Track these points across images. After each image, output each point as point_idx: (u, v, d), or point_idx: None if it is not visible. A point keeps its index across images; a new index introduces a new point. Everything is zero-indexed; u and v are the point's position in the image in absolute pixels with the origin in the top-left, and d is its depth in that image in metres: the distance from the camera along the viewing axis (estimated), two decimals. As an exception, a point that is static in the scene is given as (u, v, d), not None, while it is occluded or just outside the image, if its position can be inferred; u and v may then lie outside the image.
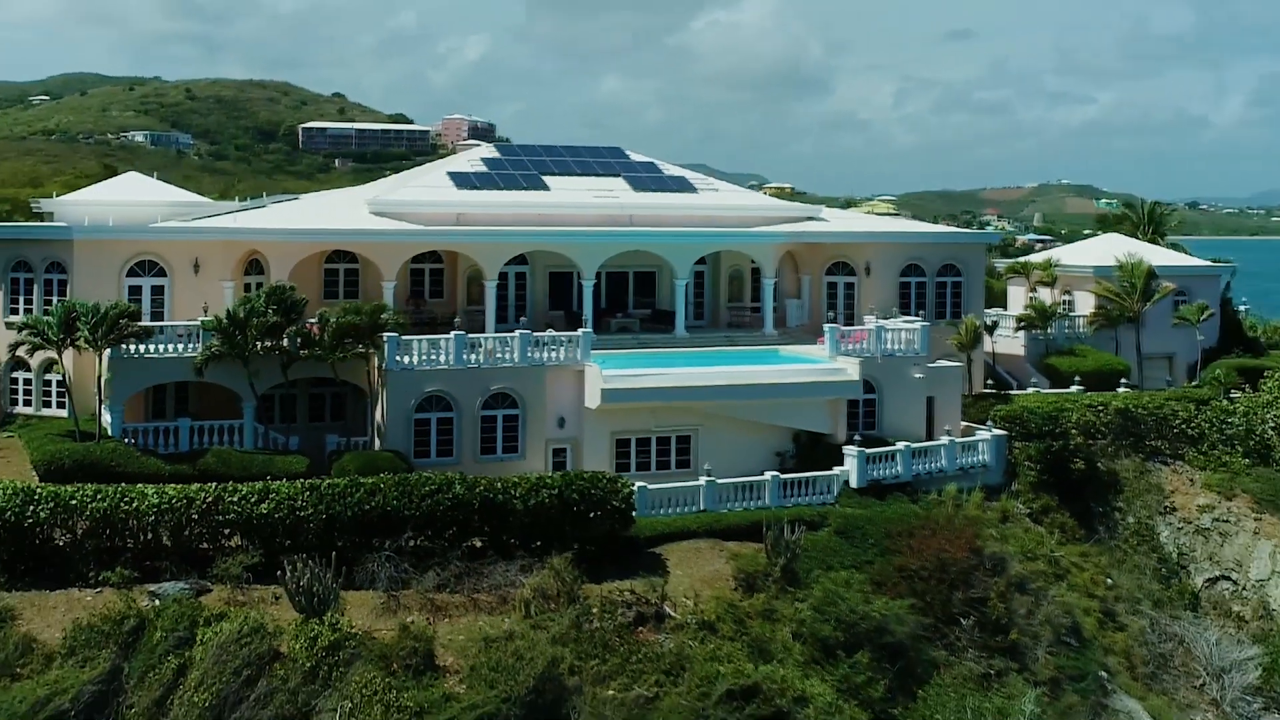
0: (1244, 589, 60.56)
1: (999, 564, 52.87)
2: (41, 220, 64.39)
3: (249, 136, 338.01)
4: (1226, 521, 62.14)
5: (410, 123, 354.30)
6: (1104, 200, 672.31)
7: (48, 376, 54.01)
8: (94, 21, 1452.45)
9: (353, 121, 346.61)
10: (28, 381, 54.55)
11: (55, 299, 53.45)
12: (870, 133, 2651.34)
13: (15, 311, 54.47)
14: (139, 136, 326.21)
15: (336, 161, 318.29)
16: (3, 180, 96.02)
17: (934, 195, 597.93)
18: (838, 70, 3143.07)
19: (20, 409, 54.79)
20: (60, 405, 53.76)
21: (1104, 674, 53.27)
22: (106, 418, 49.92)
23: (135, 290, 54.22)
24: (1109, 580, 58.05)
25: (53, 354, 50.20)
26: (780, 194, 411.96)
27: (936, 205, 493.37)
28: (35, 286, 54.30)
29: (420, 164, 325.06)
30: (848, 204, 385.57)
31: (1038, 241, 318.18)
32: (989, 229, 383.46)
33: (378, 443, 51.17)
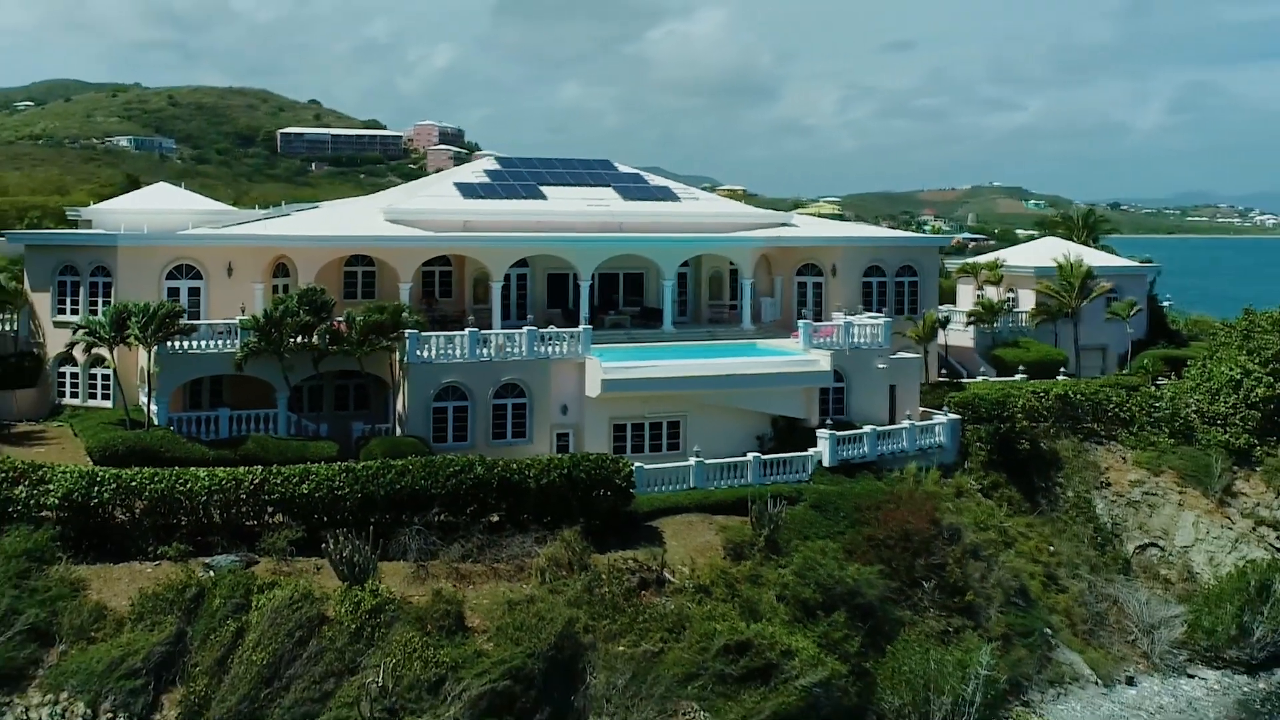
0: (1170, 555, 63.34)
1: (955, 534, 55.38)
2: (76, 226, 65.93)
3: (229, 141, 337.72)
4: (1154, 495, 65.02)
5: (383, 128, 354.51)
6: (1033, 201, 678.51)
7: (93, 371, 55.52)
8: (74, 29, 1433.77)
9: (328, 127, 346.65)
10: (74, 375, 55.95)
11: (100, 301, 55.21)
12: (816, 137, 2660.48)
13: (63, 311, 55.98)
14: (123, 141, 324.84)
15: (313, 165, 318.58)
16: (34, 189, 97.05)
17: (875, 196, 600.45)
18: (786, 78, 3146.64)
19: (67, 400, 56.31)
20: (105, 397, 55.46)
21: (1048, 630, 55.77)
22: (152, 408, 51.81)
23: (174, 292, 55.64)
24: (1051, 548, 60.59)
25: (100, 350, 52.22)
26: (733, 196, 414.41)
27: (878, 206, 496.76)
28: (81, 289, 55.61)
29: (394, 167, 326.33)
30: (795, 205, 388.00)
31: (972, 240, 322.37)
32: (926, 228, 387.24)
33: (399, 429, 53.25)
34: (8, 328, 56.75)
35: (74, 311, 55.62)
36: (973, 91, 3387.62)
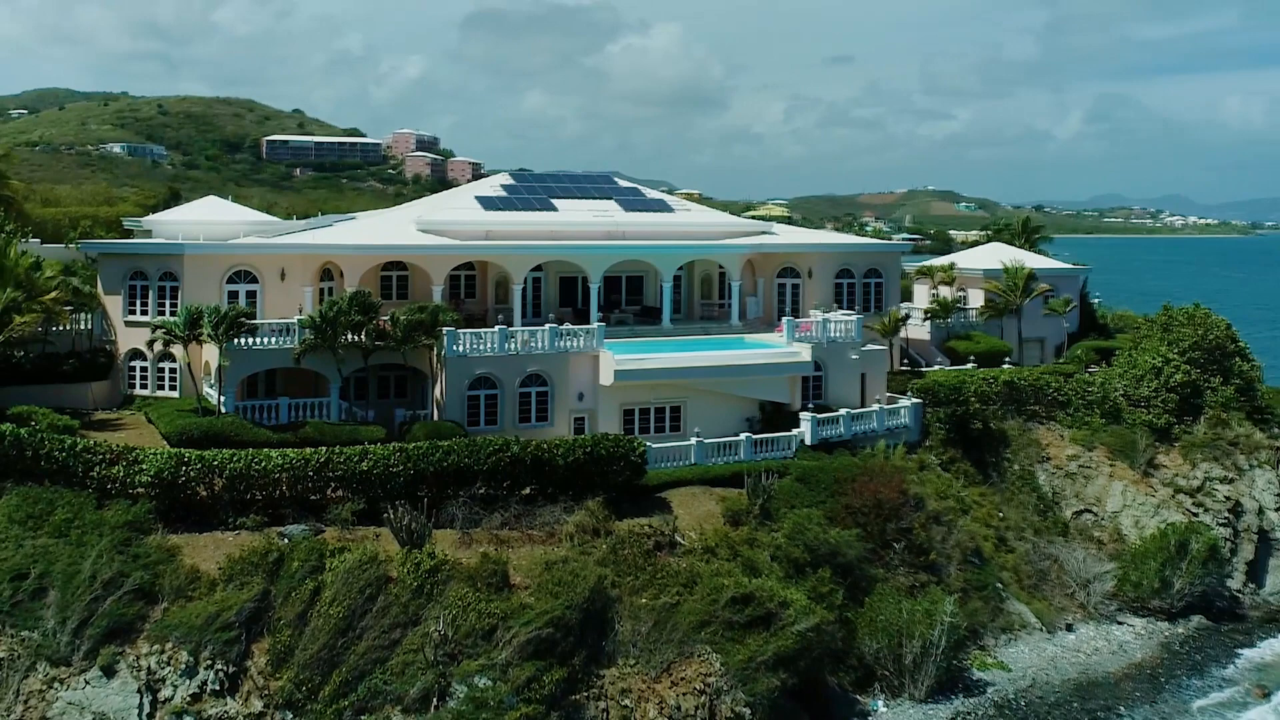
0: (1102, 519, 66.93)
1: (919, 502, 58.69)
2: (133, 234, 68.26)
3: (217, 148, 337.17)
4: (1088, 468, 68.66)
5: (363, 136, 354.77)
6: (964, 204, 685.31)
7: (161, 365, 58.13)
8: (61, 40, 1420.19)
9: (311, 135, 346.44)
10: (144, 369, 58.45)
11: (168, 303, 57.83)
12: (763, 144, 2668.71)
13: (133, 313, 58.38)
14: (116, 148, 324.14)
15: (298, 171, 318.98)
16: (82, 200, 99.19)
17: (819, 199, 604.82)
18: (735, 89, 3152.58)
19: (137, 391, 58.66)
20: (172, 388, 57.78)
21: (999, 585, 59.18)
22: (217, 397, 54.61)
23: (233, 295, 57.87)
24: (1001, 514, 63.97)
25: (175, 347, 55.06)
26: (689, 199, 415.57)
27: (822, 209, 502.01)
28: (150, 292, 57.84)
29: (373, 173, 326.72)
30: (746, 208, 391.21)
31: (910, 240, 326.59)
32: (867, 230, 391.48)
33: (437, 415, 56.32)
34: (83, 327, 59.15)
35: (144, 312, 57.85)
36: (907, 102, 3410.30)
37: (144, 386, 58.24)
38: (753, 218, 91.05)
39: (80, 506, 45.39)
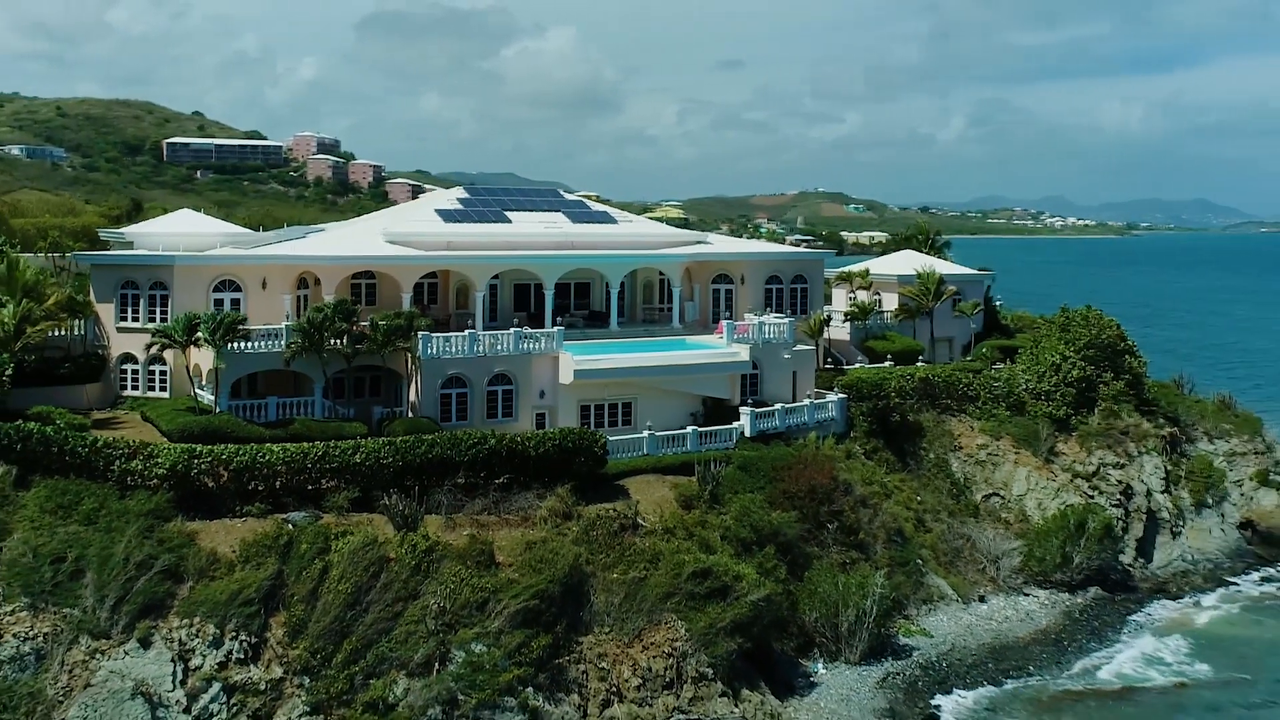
0: (1009, 502, 73.87)
1: (848, 487, 65.14)
2: (109, 245, 71.80)
3: (117, 150, 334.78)
4: (996, 455, 75.63)
5: (264, 139, 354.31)
6: (853, 205, 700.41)
7: (152, 368, 62.33)
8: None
9: (212, 138, 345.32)
10: (135, 372, 62.53)
11: (158, 310, 62.07)
12: (657, 146, 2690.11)
13: (125, 319, 62.52)
14: (15, 150, 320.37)
15: (199, 173, 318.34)
16: (48, 210, 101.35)
17: (712, 201, 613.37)
18: (629, 92, 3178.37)
19: (128, 392, 62.74)
20: (163, 389, 62.23)
21: (920, 561, 65.71)
22: (213, 397, 59.07)
23: (219, 302, 62.37)
24: (919, 498, 70.49)
25: (172, 350, 59.42)
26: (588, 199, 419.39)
27: (715, 210, 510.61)
28: (141, 300, 62.11)
29: (275, 175, 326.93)
30: (643, 209, 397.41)
31: (803, 241, 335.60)
32: (761, 231, 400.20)
33: (412, 412, 61.42)
34: (76, 333, 63.02)
35: (134, 319, 62.01)
36: (797, 106, 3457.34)
37: (135, 388, 62.23)
38: (650, 219, 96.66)
39: (105, 497, 49.81)
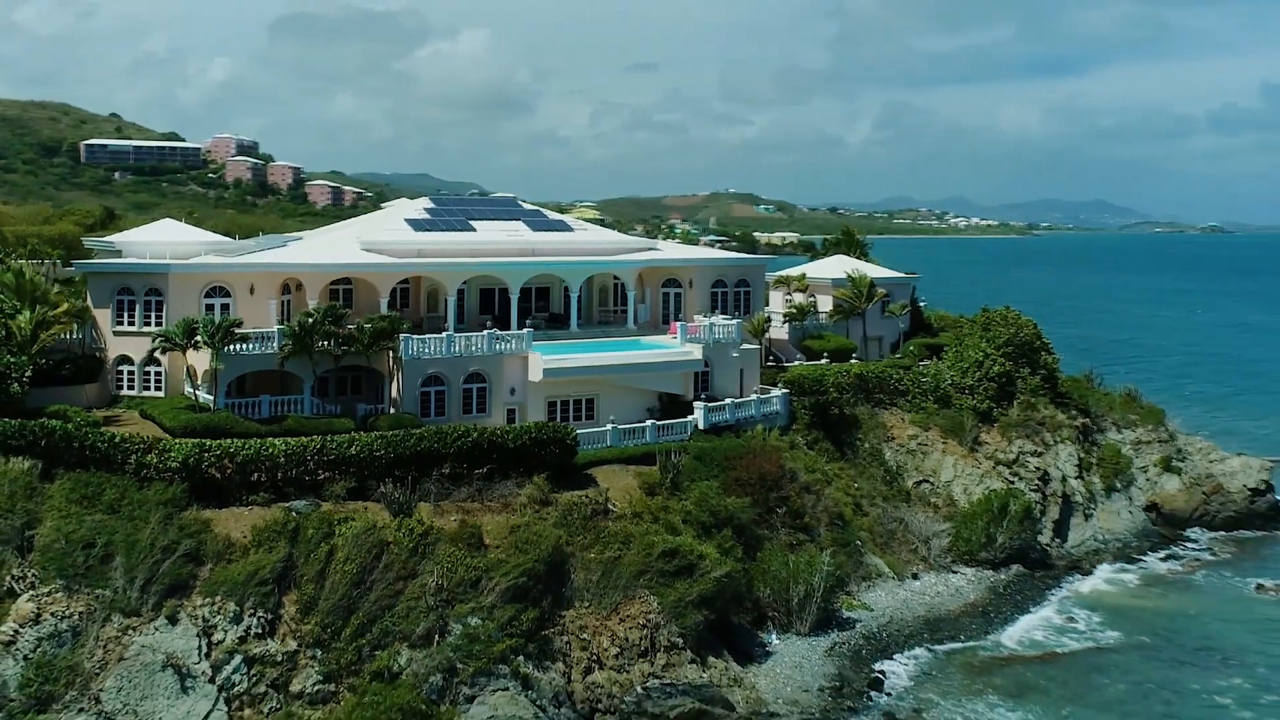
0: (937, 487, 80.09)
1: (793, 475, 70.81)
2: (93, 253, 75.08)
3: (34, 152, 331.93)
4: (925, 445, 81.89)
5: (183, 140, 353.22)
6: (763, 205, 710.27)
7: (148, 369, 66.26)
8: None
9: (130, 139, 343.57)
10: (130, 373, 66.29)
11: (153, 316, 65.96)
12: (569, 148, 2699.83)
13: (121, 324, 66.27)
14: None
15: (117, 174, 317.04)
16: (28, 219, 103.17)
17: (625, 201, 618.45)
18: (542, 94, 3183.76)
19: (124, 392, 66.55)
20: (158, 389, 66.18)
21: (859, 542, 71.48)
22: (211, 396, 63.10)
23: (209, 307, 66.32)
24: (856, 484, 76.41)
25: (173, 353, 63.40)
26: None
27: (629, 211, 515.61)
28: (137, 306, 66.05)
29: (194, 177, 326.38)
30: (559, 210, 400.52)
31: (717, 242, 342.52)
32: (676, 231, 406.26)
33: (394, 408, 65.99)
34: (74, 336, 66.65)
35: (130, 324, 65.82)
36: (707, 108, 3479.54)
37: (130, 388, 66.08)
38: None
39: (125, 488, 53.96)
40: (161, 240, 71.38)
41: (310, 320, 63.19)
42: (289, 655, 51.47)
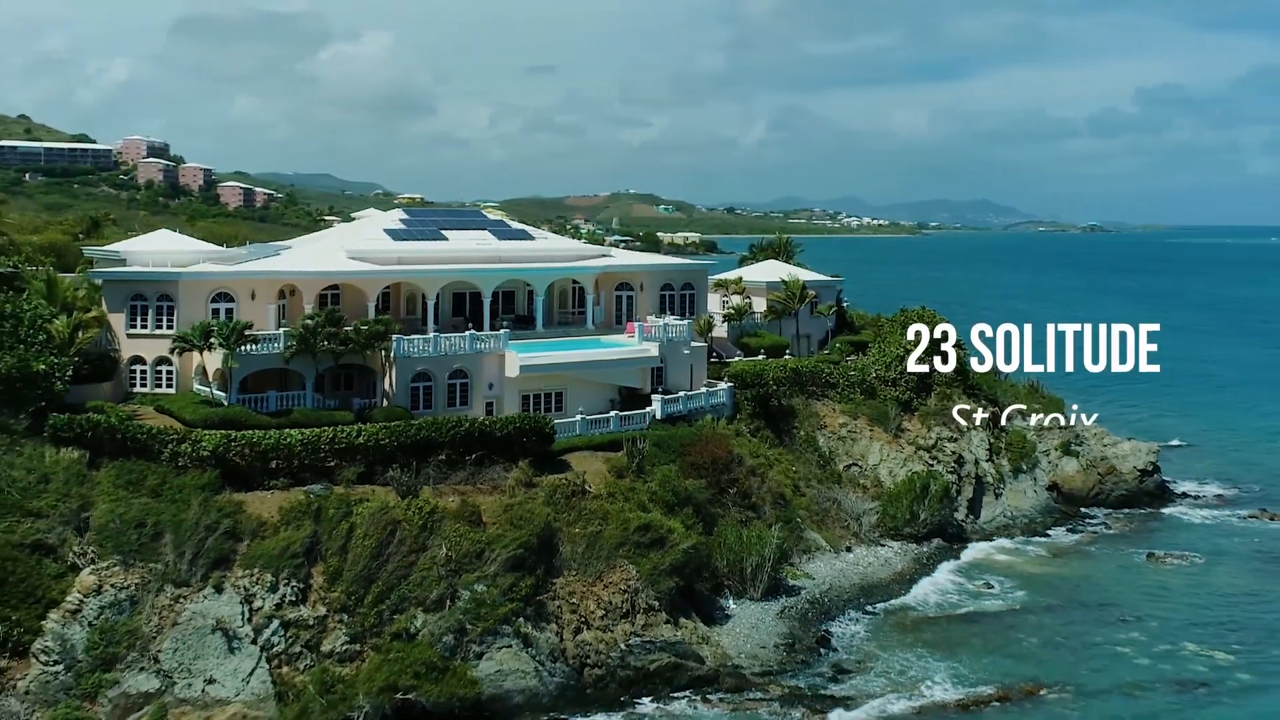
0: (866, 470, 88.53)
1: (740, 460, 78.62)
2: (94, 262, 79.92)
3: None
4: (854, 433, 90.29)
5: (94, 142, 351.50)
6: (663, 206, 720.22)
7: (159, 368, 71.93)
8: None
9: (40, 141, 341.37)
10: (143, 372, 71.79)
11: (165, 320, 71.66)
12: (469, 148, 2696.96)
13: (134, 327, 71.85)
14: None
15: (28, 176, 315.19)
16: (18, 227, 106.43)
17: (528, 201, 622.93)
18: (442, 96, 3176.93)
19: (137, 390, 72.00)
20: (169, 387, 71.75)
21: (799, 520, 79.64)
22: (214, 392, 69.16)
23: (215, 312, 72.11)
24: (794, 468, 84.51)
25: (173, 353, 69.31)
26: (412, 203, 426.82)
27: (532, 211, 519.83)
28: (149, 311, 71.84)
29: (105, 178, 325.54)
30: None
31: (621, 242, 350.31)
32: (581, 231, 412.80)
33: (386, 402, 72.48)
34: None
35: (143, 327, 71.42)
36: (606, 110, 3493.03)
37: (142, 386, 71.63)
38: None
39: (164, 475, 60.36)
40: (164, 249, 76.79)
41: (313, 323, 69.50)
42: (319, 619, 58.26)
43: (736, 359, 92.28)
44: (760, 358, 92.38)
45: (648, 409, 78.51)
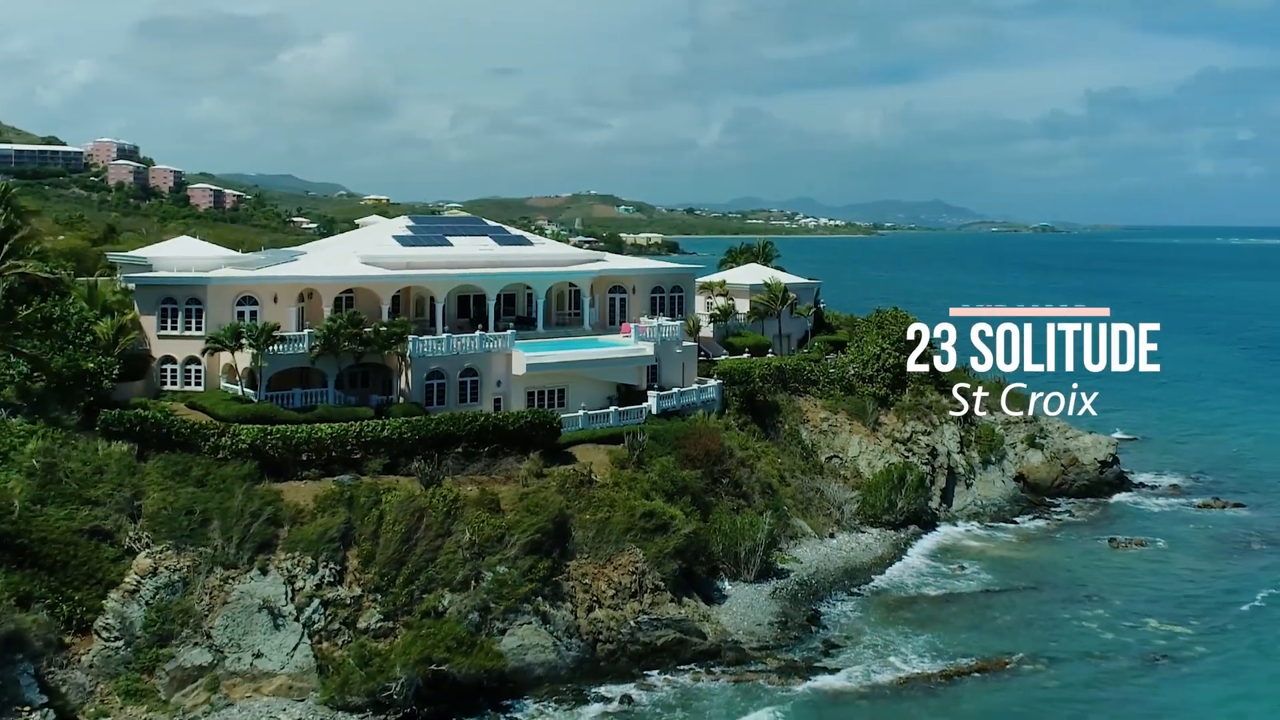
0: (846, 462, 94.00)
1: (731, 452, 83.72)
2: (117, 267, 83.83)
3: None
4: (835, 426, 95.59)
5: (63, 144, 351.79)
6: (623, 206, 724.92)
7: (188, 367, 76.06)
8: None
9: (10, 143, 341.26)
10: (172, 371, 75.87)
11: (193, 322, 75.76)
12: (430, 150, 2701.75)
13: (164, 329, 75.88)
14: None
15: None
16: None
17: (490, 202, 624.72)
18: (404, 98, 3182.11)
19: (167, 387, 76.02)
20: (197, 384, 75.91)
21: (785, 508, 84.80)
22: (240, 389, 73.32)
23: (240, 315, 76.47)
24: (780, 460, 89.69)
25: (205, 353, 73.51)
26: (378, 205, 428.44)
27: (494, 211, 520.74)
28: (180, 314, 75.84)
29: (76, 180, 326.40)
30: (430, 210, 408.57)
31: (585, 243, 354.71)
32: (545, 232, 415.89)
33: (402, 399, 76.85)
34: (125, 340, 75.96)
35: (173, 329, 75.51)
36: (567, 112, 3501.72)
37: (172, 384, 75.70)
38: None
39: (208, 466, 64.57)
40: (186, 255, 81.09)
41: (336, 324, 73.86)
42: (355, 599, 62.75)
43: (723, 357, 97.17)
44: (745, 356, 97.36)
45: (644, 404, 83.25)
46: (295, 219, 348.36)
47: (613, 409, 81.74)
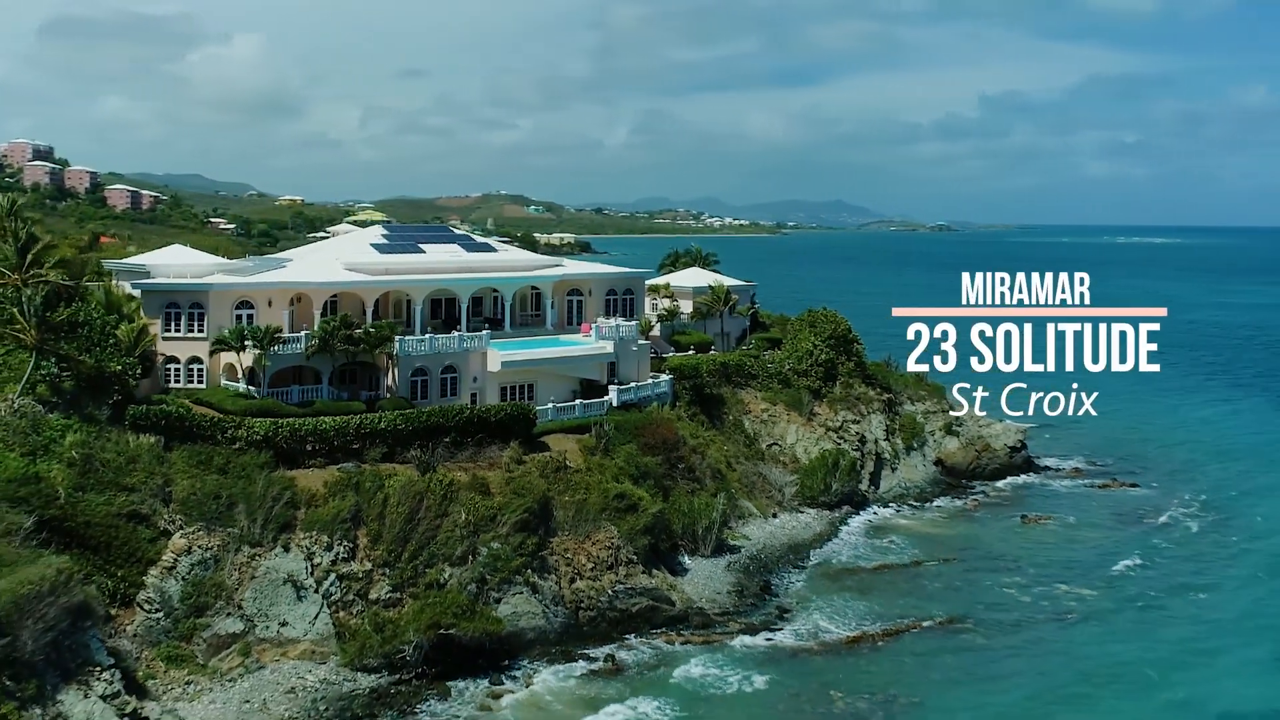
0: (785, 449, 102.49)
1: (684, 440, 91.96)
2: (113, 274, 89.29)
3: None
4: (774, 417, 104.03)
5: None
6: (533, 206, 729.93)
7: (191, 366, 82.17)
8: None
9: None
10: (176, 370, 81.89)
11: (196, 325, 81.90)
12: (340, 150, 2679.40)
13: (169, 332, 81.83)
14: None
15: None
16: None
17: (400, 202, 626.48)
18: (313, 99, 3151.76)
19: (171, 385, 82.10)
20: (199, 382, 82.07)
21: (733, 491, 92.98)
22: (241, 387, 79.73)
23: (239, 318, 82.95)
24: (726, 448, 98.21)
25: (196, 353, 79.79)
26: (292, 205, 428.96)
27: (405, 211, 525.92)
28: (183, 317, 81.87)
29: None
30: (346, 213, 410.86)
31: (503, 242, 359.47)
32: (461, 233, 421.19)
33: (389, 394, 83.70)
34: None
35: (177, 331, 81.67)
36: (475, 113, 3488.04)
37: (176, 382, 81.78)
38: (353, 222, 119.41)
39: (228, 455, 71.11)
40: (181, 262, 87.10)
41: (330, 326, 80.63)
42: (366, 573, 69.76)
43: (671, 354, 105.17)
44: (691, 353, 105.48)
45: (606, 398, 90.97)
46: (213, 219, 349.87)
47: (578, 402, 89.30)
